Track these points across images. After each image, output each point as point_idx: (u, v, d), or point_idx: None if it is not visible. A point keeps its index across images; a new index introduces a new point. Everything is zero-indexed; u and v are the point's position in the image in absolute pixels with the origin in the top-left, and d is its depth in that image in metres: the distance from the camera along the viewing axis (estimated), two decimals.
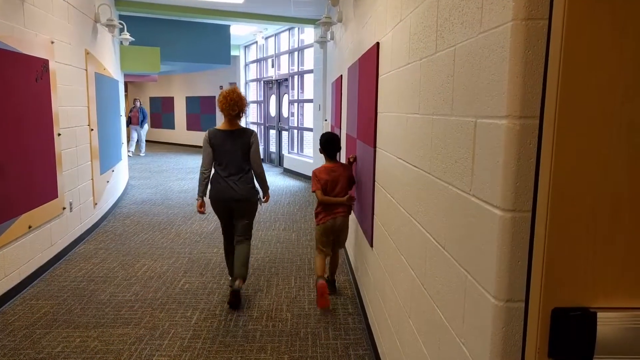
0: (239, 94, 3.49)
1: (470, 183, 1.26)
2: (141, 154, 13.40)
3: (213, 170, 3.55)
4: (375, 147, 2.85)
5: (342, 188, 3.51)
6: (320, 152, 3.71)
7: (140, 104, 13.69)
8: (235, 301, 3.44)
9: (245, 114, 3.62)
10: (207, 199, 3.54)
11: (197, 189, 3.67)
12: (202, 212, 3.56)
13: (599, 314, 0.95)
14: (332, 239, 3.57)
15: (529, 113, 1.02)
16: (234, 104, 3.44)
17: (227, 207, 3.53)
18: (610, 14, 0.90)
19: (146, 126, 13.79)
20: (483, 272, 1.17)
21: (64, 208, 4.46)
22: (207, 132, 3.53)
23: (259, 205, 3.63)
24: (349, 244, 4.26)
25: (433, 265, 1.60)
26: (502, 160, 1.07)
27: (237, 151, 3.48)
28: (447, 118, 1.46)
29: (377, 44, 2.77)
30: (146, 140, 14.18)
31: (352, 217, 3.81)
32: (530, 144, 1.02)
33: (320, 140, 3.68)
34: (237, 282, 3.44)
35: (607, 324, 0.94)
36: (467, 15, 1.30)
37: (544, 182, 0.97)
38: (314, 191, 3.53)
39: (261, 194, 3.68)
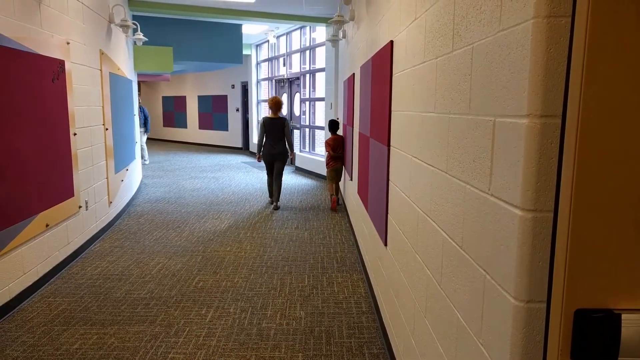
0: (279, 100, 6.63)
1: (489, 182, 1.25)
2: (146, 162, 11.34)
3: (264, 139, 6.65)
4: (389, 145, 2.84)
5: (340, 148, 6.63)
6: (329, 129, 6.83)
7: (139, 102, 10.12)
8: (276, 208, 6.61)
9: (280, 110, 6.65)
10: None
11: (256, 149, 7.24)
12: (260, 162, 6.84)
13: (624, 316, 0.94)
14: (335, 175, 6.72)
15: (551, 112, 1.01)
16: (275, 105, 6.60)
17: (270, 158, 6.61)
18: (635, 11, 0.88)
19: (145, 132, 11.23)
20: (503, 272, 1.16)
21: (80, 207, 4.52)
22: (262, 118, 6.62)
23: (288, 158, 6.68)
24: (362, 241, 4.28)
25: (450, 265, 1.59)
26: (522, 160, 1.05)
27: (276, 129, 6.53)
28: (464, 117, 1.45)
29: (391, 42, 2.76)
30: (158, 139, 13.29)
31: (365, 216, 3.87)
32: (552, 143, 1.01)
33: (329, 123, 6.84)
34: (274, 204, 6.69)
35: (632, 325, 0.93)
36: (485, 13, 1.29)
37: (566, 182, 0.96)
38: (327, 151, 6.70)
39: (289, 153, 6.67)
